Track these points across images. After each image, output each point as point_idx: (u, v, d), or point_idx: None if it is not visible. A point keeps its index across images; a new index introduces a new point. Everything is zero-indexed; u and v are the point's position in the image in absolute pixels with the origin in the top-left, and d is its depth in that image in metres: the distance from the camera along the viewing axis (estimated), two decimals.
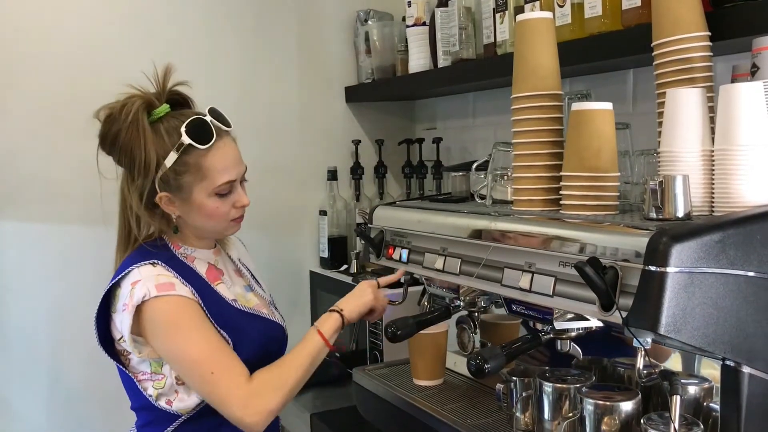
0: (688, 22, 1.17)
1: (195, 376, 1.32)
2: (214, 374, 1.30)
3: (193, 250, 1.45)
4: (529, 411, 1.30)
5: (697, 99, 1.13)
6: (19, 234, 2.09)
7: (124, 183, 1.40)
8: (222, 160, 1.37)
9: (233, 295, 1.45)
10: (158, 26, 2.20)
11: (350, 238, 2.40)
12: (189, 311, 1.33)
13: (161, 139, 1.35)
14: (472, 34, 1.88)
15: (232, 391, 1.30)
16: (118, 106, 1.36)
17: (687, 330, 0.96)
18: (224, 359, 1.32)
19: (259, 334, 1.43)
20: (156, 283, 1.32)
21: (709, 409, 1.11)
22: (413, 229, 1.51)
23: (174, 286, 1.33)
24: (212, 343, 1.32)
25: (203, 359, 1.31)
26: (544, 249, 1.16)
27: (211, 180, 1.36)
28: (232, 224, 1.44)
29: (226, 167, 1.37)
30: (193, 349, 1.32)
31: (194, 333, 1.33)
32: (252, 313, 1.45)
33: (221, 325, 1.37)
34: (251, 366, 1.36)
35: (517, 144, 1.34)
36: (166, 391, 1.37)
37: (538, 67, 1.31)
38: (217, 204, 1.38)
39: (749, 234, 1.00)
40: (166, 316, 1.32)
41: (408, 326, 1.44)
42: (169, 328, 1.33)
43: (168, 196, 1.37)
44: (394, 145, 2.45)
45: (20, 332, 2.08)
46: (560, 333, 1.22)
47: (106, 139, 1.38)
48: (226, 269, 1.50)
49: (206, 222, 1.41)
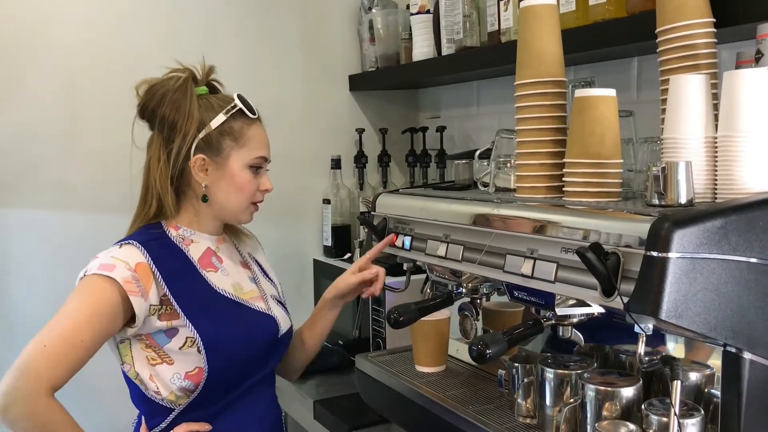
0: (692, 8, 1.17)
1: (39, 333, 1.28)
2: (46, 347, 1.25)
3: (192, 233, 1.44)
4: (531, 397, 1.31)
5: (701, 85, 1.13)
6: (25, 222, 2.10)
7: (155, 151, 1.41)
8: (260, 136, 1.45)
9: (226, 284, 1.44)
10: (161, 16, 2.21)
11: (353, 226, 2.40)
12: (100, 294, 1.30)
13: (208, 104, 1.41)
14: (476, 22, 1.88)
15: (19, 373, 1.25)
16: (166, 76, 1.42)
17: (688, 316, 0.96)
18: (61, 353, 1.26)
19: (242, 323, 1.42)
20: (101, 262, 1.33)
21: (710, 395, 1.12)
22: (416, 217, 1.51)
23: (114, 267, 1.31)
24: (77, 332, 1.28)
25: (54, 331, 1.28)
26: (546, 235, 1.16)
27: (249, 150, 1.41)
28: (252, 208, 1.46)
29: (263, 144, 1.45)
30: (62, 318, 1.29)
31: (80, 312, 1.30)
32: (239, 302, 1.43)
33: (194, 309, 1.35)
34: (235, 354, 1.36)
35: (520, 131, 1.34)
36: (147, 382, 1.36)
37: (542, 54, 1.30)
38: (249, 178, 1.42)
39: (751, 220, 1.00)
40: (82, 284, 1.33)
41: (410, 312, 1.45)
42: (74, 291, 1.33)
43: (203, 159, 1.39)
44: (397, 133, 2.45)
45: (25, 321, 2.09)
46: (562, 319, 1.22)
47: (149, 102, 1.40)
48: (230, 259, 1.50)
49: (232, 196, 1.42)
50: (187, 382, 1.35)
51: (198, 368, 1.35)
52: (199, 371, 1.35)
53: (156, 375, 1.35)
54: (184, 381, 1.35)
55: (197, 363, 1.35)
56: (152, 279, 1.34)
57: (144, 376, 1.36)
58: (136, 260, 1.34)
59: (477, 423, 1.30)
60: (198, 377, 1.35)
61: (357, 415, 1.75)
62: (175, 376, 1.35)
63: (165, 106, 1.39)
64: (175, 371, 1.35)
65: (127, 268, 1.32)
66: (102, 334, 1.31)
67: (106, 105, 2.15)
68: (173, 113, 1.38)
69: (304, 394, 1.93)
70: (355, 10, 2.48)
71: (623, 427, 1.10)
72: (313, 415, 1.88)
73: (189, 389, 1.36)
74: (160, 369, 1.35)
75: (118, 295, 1.31)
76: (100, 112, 2.16)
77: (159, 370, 1.35)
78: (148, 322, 1.34)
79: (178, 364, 1.35)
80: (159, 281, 1.35)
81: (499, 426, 1.29)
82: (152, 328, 1.35)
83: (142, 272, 1.33)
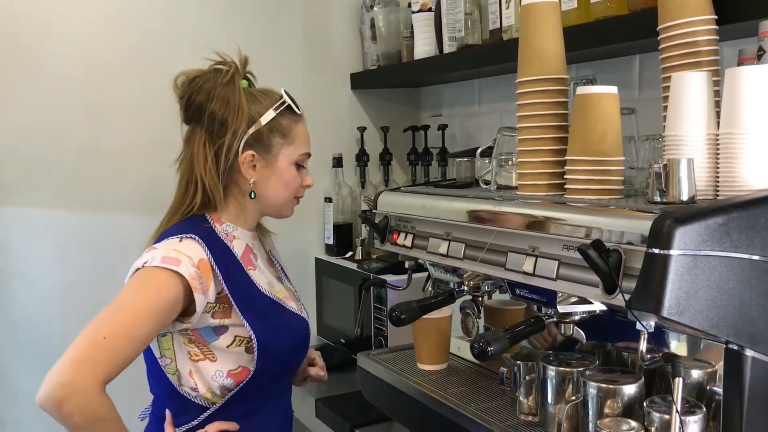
0: (694, 5, 1.17)
1: (94, 321, 1.23)
2: (105, 339, 1.20)
3: (234, 228, 1.42)
4: (533, 395, 1.31)
5: (703, 82, 1.13)
6: (27, 220, 2.10)
7: (200, 147, 1.37)
8: (305, 132, 1.46)
9: (264, 283, 1.42)
10: (163, 14, 2.21)
11: (355, 224, 2.40)
12: (165, 288, 1.25)
13: (254, 98, 1.40)
14: (478, 20, 1.88)
15: (76, 364, 1.18)
16: (211, 69, 1.39)
17: (690, 313, 0.96)
18: (119, 346, 1.21)
19: (285, 323, 1.42)
20: (164, 255, 1.28)
21: (712, 392, 1.12)
22: (418, 215, 1.51)
23: (179, 262, 1.27)
24: (138, 326, 1.23)
25: (115, 323, 1.23)
26: (548, 233, 1.16)
27: (296, 146, 1.43)
28: (294, 203, 1.47)
29: (308, 140, 1.47)
30: (123, 309, 1.24)
31: (143, 305, 1.24)
32: (278, 302, 1.43)
33: (250, 311, 1.33)
34: (281, 355, 1.35)
35: (521, 128, 1.34)
36: (185, 377, 1.34)
37: (543, 51, 1.30)
38: (295, 174, 1.43)
39: (753, 217, 1.00)
40: (143, 276, 1.27)
41: (412, 310, 1.45)
42: (133, 282, 1.27)
43: (253, 156, 1.38)
44: (399, 132, 2.45)
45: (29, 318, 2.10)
46: (564, 317, 1.22)
47: (196, 96, 1.37)
48: (261, 256, 1.48)
49: (279, 192, 1.42)
50: (228, 380, 1.34)
51: (242, 367, 1.34)
52: (243, 370, 1.34)
53: (197, 371, 1.34)
54: (226, 379, 1.34)
55: (241, 362, 1.34)
56: (212, 276, 1.31)
57: (184, 371, 1.34)
58: (199, 256, 1.31)
59: (479, 421, 1.30)
60: (240, 376, 1.34)
61: (359, 413, 1.76)
62: (217, 374, 1.33)
63: (214, 101, 1.35)
64: (218, 368, 1.34)
65: (191, 264, 1.28)
66: (159, 329, 1.28)
67: (110, 103, 2.16)
68: (223, 109, 1.35)
69: (306, 393, 1.93)
70: (356, 8, 2.48)
71: (625, 425, 1.10)
72: (315, 413, 1.89)
73: (229, 387, 1.34)
74: (202, 365, 1.34)
75: (182, 290, 1.27)
76: (104, 110, 2.16)
77: (201, 366, 1.34)
78: (202, 318, 1.31)
79: (221, 361, 1.34)
80: (218, 278, 1.32)
81: (500, 424, 1.29)
82: (203, 324, 1.32)
83: (204, 269, 1.30)
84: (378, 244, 1.63)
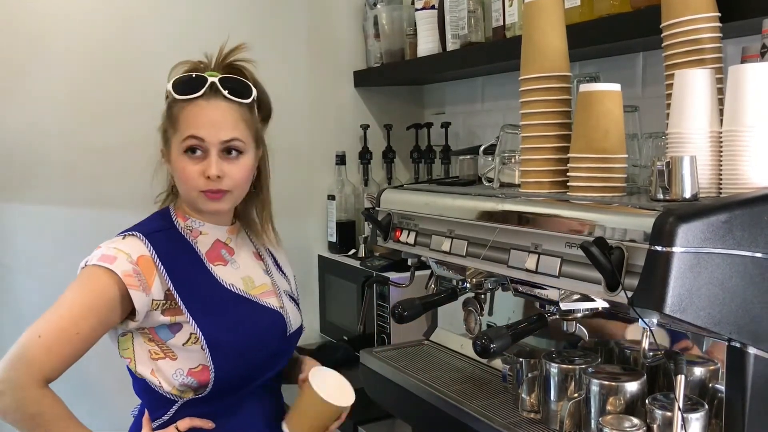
0: (697, 2, 1.17)
1: (35, 323, 1.26)
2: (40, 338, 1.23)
3: (201, 224, 1.40)
4: (535, 392, 1.31)
5: (706, 80, 1.12)
6: (29, 216, 2.11)
7: None
8: (197, 116, 1.31)
9: (235, 278, 1.40)
10: (165, 12, 2.21)
11: (358, 222, 2.41)
12: (99, 286, 1.27)
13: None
14: (481, 18, 1.87)
15: (11, 363, 1.22)
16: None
17: (692, 310, 0.96)
18: (55, 344, 1.24)
19: (249, 321, 1.38)
20: (103, 252, 1.30)
21: (715, 390, 1.12)
22: (420, 212, 1.51)
23: (114, 259, 1.28)
24: (73, 324, 1.25)
25: (51, 322, 1.25)
26: (551, 230, 1.16)
27: (180, 132, 1.32)
28: (202, 196, 1.33)
29: (198, 123, 1.31)
30: (59, 308, 1.27)
31: (77, 303, 1.27)
32: (247, 298, 1.39)
33: (198, 306, 1.32)
34: (240, 354, 1.33)
35: (524, 126, 1.34)
36: (147, 376, 1.33)
37: (547, 49, 1.30)
38: (185, 164, 1.32)
39: (756, 215, 1.00)
40: (81, 275, 1.30)
41: (414, 307, 1.45)
42: (74, 281, 1.30)
43: (162, 151, 1.39)
44: (402, 129, 2.45)
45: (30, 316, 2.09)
46: (566, 314, 1.22)
47: None
48: (242, 250, 1.46)
49: (180, 186, 1.37)
50: (189, 379, 1.32)
51: (202, 365, 1.32)
52: (203, 369, 1.32)
53: (158, 370, 1.33)
54: (186, 378, 1.32)
55: (201, 360, 1.32)
56: (155, 272, 1.30)
57: (145, 371, 1.33)
58: (139, 253, 1.30)
59: (481, 418, 1.30)
60: (203, 375, 1.32)
61: (362, 410, 1.75)
62: (177, 372, 1.32)
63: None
64: (178, 367, 1.32)
65: (128, 261, 1.28)
66: (100, 326, 1.29)
67: (111, 100, 2.16)
68: None
69: None
70: (360, 6, 2.48)
71: (627, 422, 1.10)
72: None
73: (192, 386, 1.33)
74: (162, 364, 1.33)
75: (117, 288, 1.27)
76: (104, 107, 2.17)
77: (161, 365, 1.33)
78: (151, 316, 1.31)
79: (182, 360, 1.33)
80: (163, 275, 1.30)
81: (503, 420, 1.29)
82: (155, 323, 1.32)
83: (144, 265, 1.29)
84: (381, 242, 1.64)
